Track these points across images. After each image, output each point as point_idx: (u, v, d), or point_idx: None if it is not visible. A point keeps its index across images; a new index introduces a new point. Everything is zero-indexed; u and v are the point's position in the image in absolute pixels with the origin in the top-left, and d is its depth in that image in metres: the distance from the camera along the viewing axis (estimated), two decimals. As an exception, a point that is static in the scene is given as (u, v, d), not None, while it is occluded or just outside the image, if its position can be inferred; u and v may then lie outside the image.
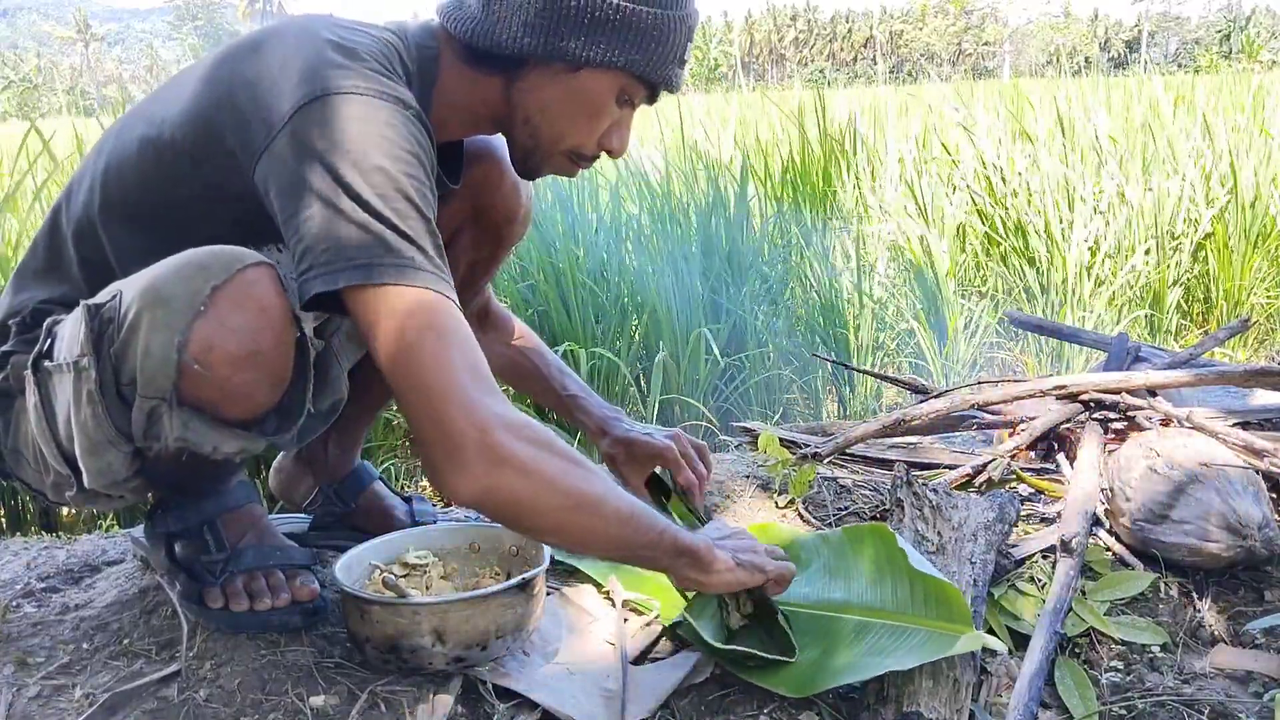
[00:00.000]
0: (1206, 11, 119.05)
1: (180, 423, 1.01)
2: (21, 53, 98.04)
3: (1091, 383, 1.78)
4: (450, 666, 1.10)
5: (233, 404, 1.03)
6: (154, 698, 1.06)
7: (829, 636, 1.16)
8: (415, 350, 0.95)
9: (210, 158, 1.06)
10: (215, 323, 0.98)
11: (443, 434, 0.95)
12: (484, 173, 1.35)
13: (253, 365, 1.00)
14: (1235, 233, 4.00)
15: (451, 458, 0.95)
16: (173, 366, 0.97)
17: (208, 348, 0.98)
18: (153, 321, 0.97)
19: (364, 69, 1.02)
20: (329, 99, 0.98)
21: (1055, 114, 4.83)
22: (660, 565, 1.10)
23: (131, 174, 1.11)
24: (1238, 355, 3.57)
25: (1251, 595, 1.37)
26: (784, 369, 3.10)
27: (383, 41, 1.09)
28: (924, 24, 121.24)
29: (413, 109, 1.03)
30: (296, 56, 1.02)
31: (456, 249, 1.39)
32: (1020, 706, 1.09)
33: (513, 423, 0.96)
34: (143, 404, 1.00)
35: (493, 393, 0.97)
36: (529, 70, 1.12)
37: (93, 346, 1.00)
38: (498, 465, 0.94)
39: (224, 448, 1.04)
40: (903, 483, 1.46)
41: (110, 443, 1.03)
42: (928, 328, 3.23)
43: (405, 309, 0.95)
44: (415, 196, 0.98)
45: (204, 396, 1.00)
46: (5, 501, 2.27)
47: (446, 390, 0.94)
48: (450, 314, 0.98)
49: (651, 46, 1.11)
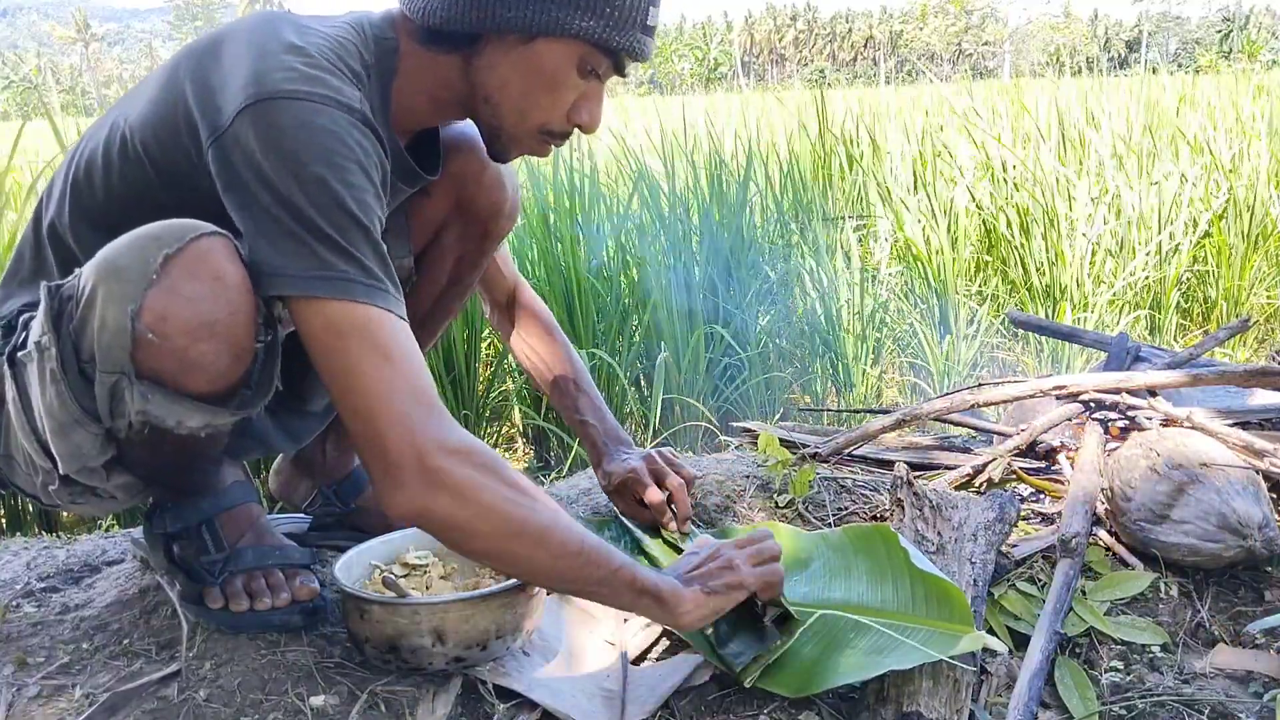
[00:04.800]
0: (1206, 11, 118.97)
1: (140, 395, 0.99)
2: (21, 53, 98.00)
3: (1091, 383, 1.78)
4: (450, 666, 1.10)
5: (192, 375, 1.00)
6: (154, 698, 1.06)
7: (828, 636, 1.16)
8: (354, 372, 0.96)
9: (169, 159, 1.05)
10: (168, 291, 0.96)
11: (380, 454, 0.96)
12: (463, 165, 1.33)
13: (209, 334, 0.98)
14: (1235, 233, 4.00)
15: (389, 477, 0.96)
16: (128, 336, 0.96)
17: (161, 316, 0.96)
18: (107, 293, 0.97)
19: (312, 70, 1.00)
20: (271, 103, 0.96)
21: (1056, 114, 4.83)
22: (622, 603, 1.09)
23: (98, 178, 1.11)
24: (1238, 355, 3.57)
25: (1251, 595, 1.37)
26: (785, 369, 3.10)
27: (336, 39, 1.07)
28: (924, 24, 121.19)
29: (358, 112, 1.02)
30: (246, 56, 1.01)
31: (442, 245, 1.39)
32: (1020, 706, 1.09)
33: (455, 447, 0.97)
34: (104, 379, 0.99)
35: (434, 413, 0.97)
36: (485, 46, 1.10)
37: (52, 325, 1.00)
38: (432, 489, 0.96)
39: (188, 422, 1.02)
40: (903, 483, 1.46)
41: (77, 422, 1.02)
42: (930, 327, 3.23)
43: (341, 326, 0.96)
44: (354, 207, 0.97)
45: (162, 367, 0.99)
46: (5, 502, 2.27)
47: (384, 413, 0.95)
48: (389, 331, 0.97)
49: (607, 11, 1.07)
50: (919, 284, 3.62)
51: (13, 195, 2.96)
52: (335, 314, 0.96)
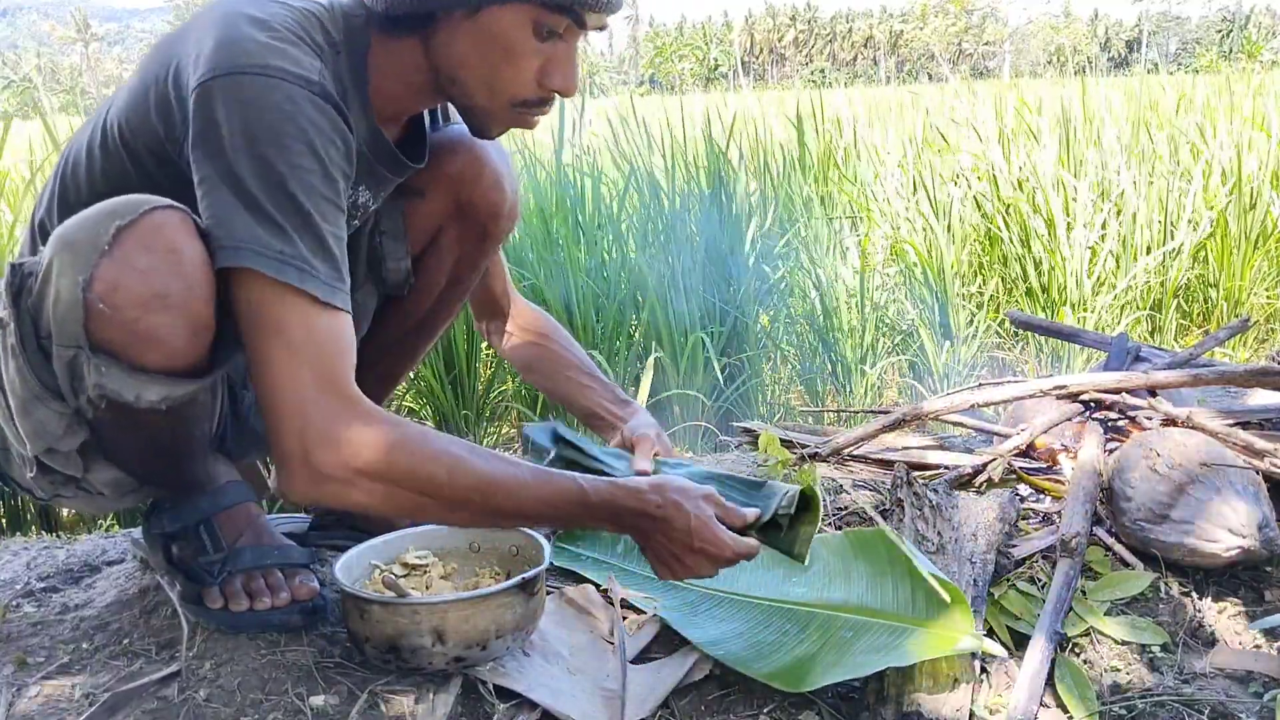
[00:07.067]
0: (1206, 11, 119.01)
1: (95, 368, 0.99)
2: (21, 52, 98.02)
3: (1091, 383, 1.78)
4: (450, 666, 1.10)
5: (146, 348, 1.00)
6: (154, 698, 1.06)
7: (827, 634, 1.16)
8: (264, 355, 0.97)
9: (141, 143, 1.05)
10: (120, 262, 0.96)
11: (275, 443, 0.98)
12: (462, 166, 1.32)
13: (162, 308, 0.98)
14: (1235, 233, 4.00)
15: (283, 467, 0.99)
16: (80, 307, 0.96)
17: (112, 287, 0.96)
18: (61, 265, 0.97)
19: (273, 42, 0.99)
20: (230, 78, 0.96)
21: (1057, 113, 4.83)
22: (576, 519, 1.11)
23: (82, 175, 1.11)
24: (1238, 355, 3.57)
25: (1251, 595, 1.37)
26: (784, 369, 3.10)
27: (302, 12, 1.06)
28: (924, 24, 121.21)
29: (316, 85, 1.01)
30: (210, 31, 1.00)
31: (441, 246, 1.38)
32: (1020, 706, 1.09)
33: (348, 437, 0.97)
34: (61, 354, 0.99)
35: (341, 401, 0.97)
36: (438, 26, 1.08)
37: (12, 300, 1.01)
38: (317, 484, 0.98)
39: (146, 395, 1.02)
40: (903, 483, 1.46)
41: (37, 398, 1.03)
42: (930, 326, 3.23)
43: (261, 303, 0.97)
44: (296, 190, 0.97)
45: (115, 339, 0.99)
46: (5, 502, 2.27)
47: (280, 403, 0.97)
48: (302, 316, 0.97)
49: None
50: (918, 284, 3.61)
51: (11, 194, 2.97)
52: (257, 289, 0.97)
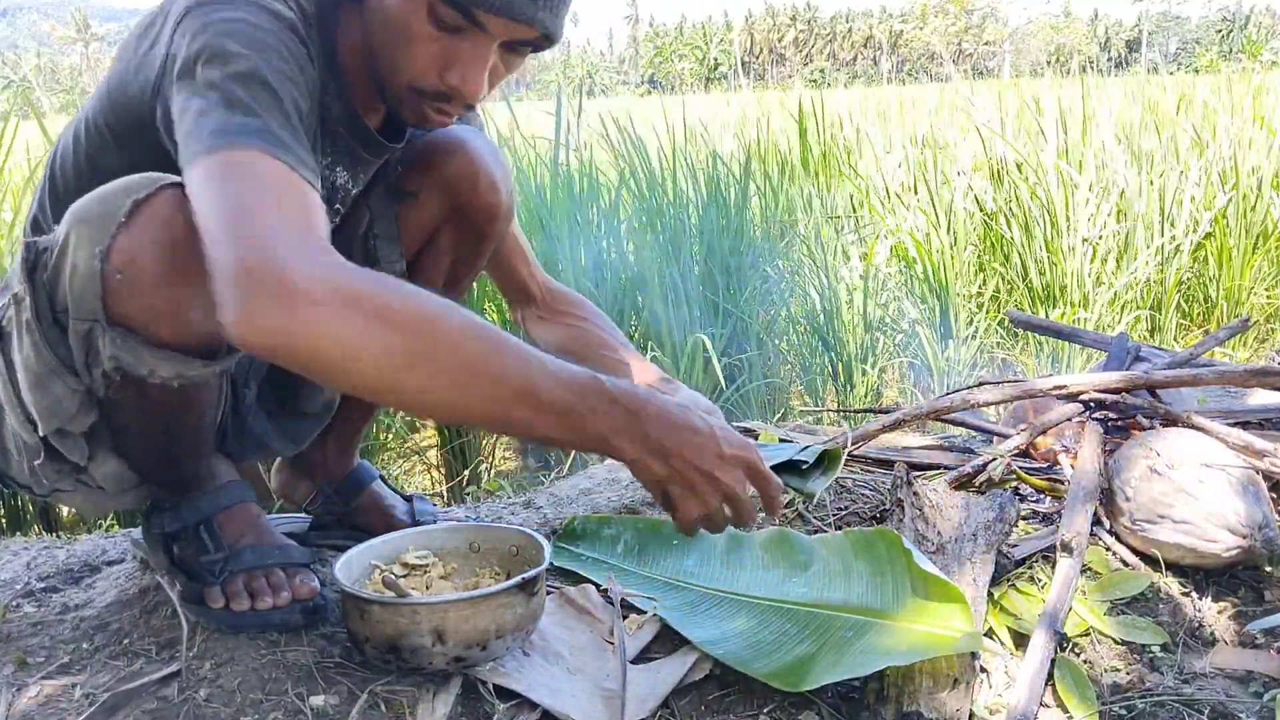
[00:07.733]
0: (1206, 11, 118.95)
1: (111, 341, 0.99)
2: (21, 52, 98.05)
3: (1091, 383, 1.78)
4: (450, 666, 1.10)
5: (163, 323, 0.99)
6: (154, 698, 1.06)
7: (827, 634, 1.16)
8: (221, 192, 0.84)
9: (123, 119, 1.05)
10: (137, 235, 0.95)
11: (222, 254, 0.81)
12: (457, 170, 1.31)
13: (181, 282, 0.96)
14: (1235, 233, 4.00)
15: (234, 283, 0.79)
16: (97, 279, 0.96)
17: (130, 258, 0.95)
18: (78, 239, 0.96)
19: None
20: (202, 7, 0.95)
21: (1057, 113, 4.83)
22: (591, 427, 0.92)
23: (69, 166, 1.11)
24: (1238, 355, 3.57)
25: (1251, 595, 1.37)
26: (784, 369, 3.10)
27: None
28: (924, 24, 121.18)
29: (288, 20, 0.99)
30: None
31: (438, 249, 1.38)
32: (1020, 706, 1.09)
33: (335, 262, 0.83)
34: (77, 327, 0.99)
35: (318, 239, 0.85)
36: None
37: (27, 275, 1.01)
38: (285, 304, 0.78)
39: (160, 370, 1.01)
40: (903, 483, 1.46)
41: (53, 372, 1.02)
42: (930, 326, 3.23)
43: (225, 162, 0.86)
44: (270, 78, 0.93)
45: (132, 313, 0.98)
46: (5, 502, 2.27)
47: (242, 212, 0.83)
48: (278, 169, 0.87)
49: None
50: (919, 284, 3.61)
51: (12, 193, 2.98)
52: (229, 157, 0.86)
